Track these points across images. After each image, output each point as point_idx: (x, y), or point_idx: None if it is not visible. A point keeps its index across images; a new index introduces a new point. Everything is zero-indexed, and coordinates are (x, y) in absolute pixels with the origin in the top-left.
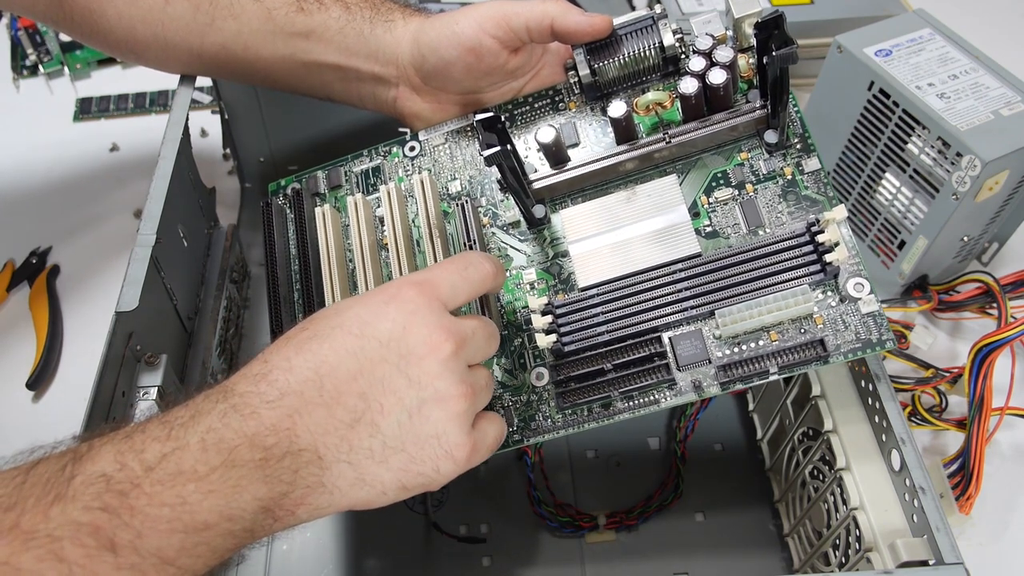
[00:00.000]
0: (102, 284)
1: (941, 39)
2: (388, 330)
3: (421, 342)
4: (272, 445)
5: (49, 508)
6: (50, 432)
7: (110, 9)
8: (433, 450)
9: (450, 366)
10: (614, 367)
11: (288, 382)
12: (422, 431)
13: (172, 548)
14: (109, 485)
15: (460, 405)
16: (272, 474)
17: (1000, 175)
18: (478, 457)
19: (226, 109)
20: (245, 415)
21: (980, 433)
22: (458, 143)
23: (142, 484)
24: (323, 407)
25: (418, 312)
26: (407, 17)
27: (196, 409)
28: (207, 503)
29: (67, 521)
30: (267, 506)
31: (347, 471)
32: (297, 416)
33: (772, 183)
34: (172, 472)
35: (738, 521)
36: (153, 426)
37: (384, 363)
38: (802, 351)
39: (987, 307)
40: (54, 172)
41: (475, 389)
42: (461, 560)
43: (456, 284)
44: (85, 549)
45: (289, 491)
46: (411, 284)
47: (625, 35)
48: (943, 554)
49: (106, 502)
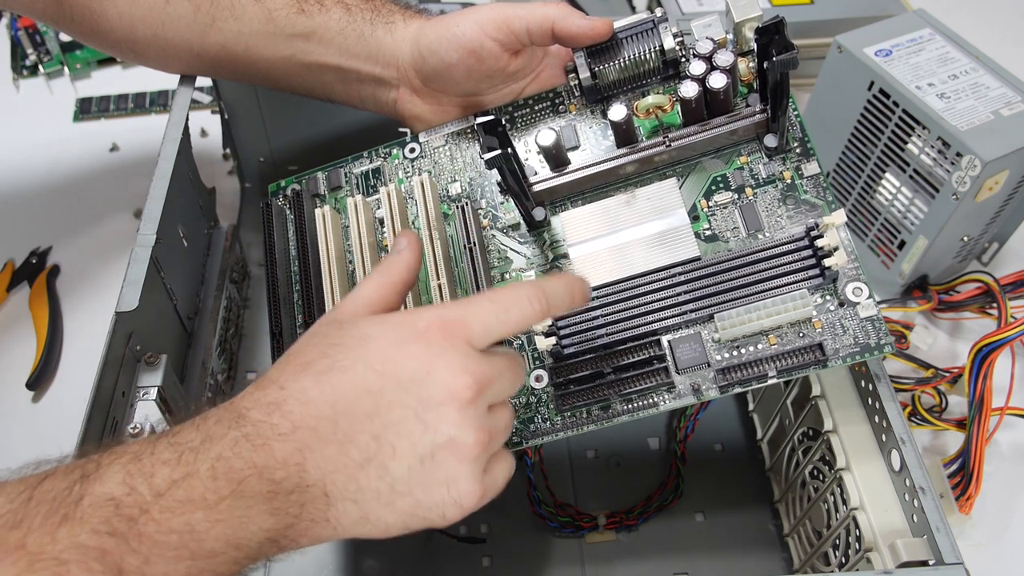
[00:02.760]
0: (102, 284)
1: (941, 39)
2: (410, 371)
3: (442, 387)
4: (282, 479)
5: (56, 529)
6: (50, 432)
7: (110, 8)
8: (441, 497)
9: (469, 413)
10: (613, 370)
11: (303, 416)
12: (432, 477)
13: (178, 574)
14: (118, 510)
15: (473, 452)
16: (279, 507)
17: (1000, 175)
18: (485, 501)
19: (226, 109)
20: (256, 445)
21: (980, 433)
22: (458, 145)
23: (151, 510)
24: (335, 445)
25: (443, 354)
26: (408, 19)
27: (207, 433)
28: (215, 531)
29: (74, 544)
30: (272, 536)
31: (352, 509)
32: (308, 452)
33: (771, 187)
34: (182, 499)
35: (738, 521)
36: (162, 448)
37: (402, 407)
38: (801, 355)
39: (987, 307)
40: (54, 172)
41: (492, 434)
42: (461, 560)
43: (490, 327)
44: (92, 574)
45: (294, 523)
46: (441, 322)
47: (625, 38)
48: (943, 554)
49: (114, 527)
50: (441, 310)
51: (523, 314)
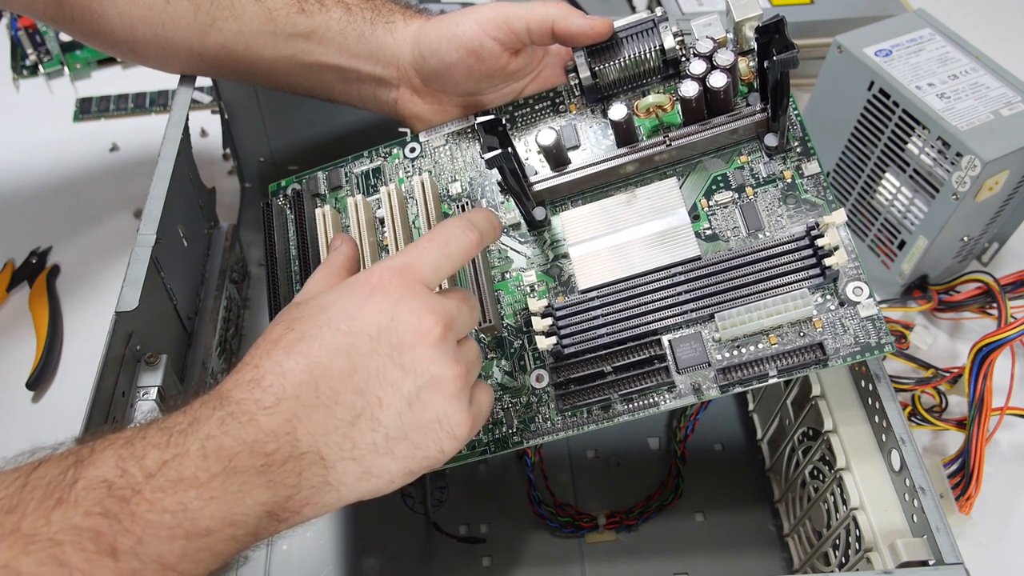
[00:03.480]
0: (102, 284)
1: (941, 39)
2: (376, 322)
3: (410, 330)
4: (273, 451)
5: (51, 512)
6: (50, 432)
7: (110, 8)
8: (436, 433)
9: (441, 348)
10: (614, 369)
11: (283, 387)
12: (423, 417)
13: (173, 554)
14: (111, 491)
15: (456, 385)
16: (275, 479)
17: (1000, 175)
18: (477, 427)
19: (226, 109)
20: (243, 422)
21: (980, 433)
22: (459, 145)
23: (143, 490)
24: (322, 408)
25: (403, 299)
26: (408, 18)
27: (194, 416)
28: (209, 509)
29: (68, 526)
30: (271, 510)
31: (352, 467)
32: (296, 420)
33: (772, 186)
34: (173, 479)
35: (738, 521)
36: (152, 432)
37: (376, 356)
38: (801, 354)
39: (987, 307)
40: (54, 172)
41: (468, 366)
42: (461, 560)
43: (438, 263)
44: (86, 554)
45: (294, 493)
46: (392, 271)
47: (626, 38)
48: (943, 554)
49: (107, 508)
50: (388, 261)
51: (461, 245)
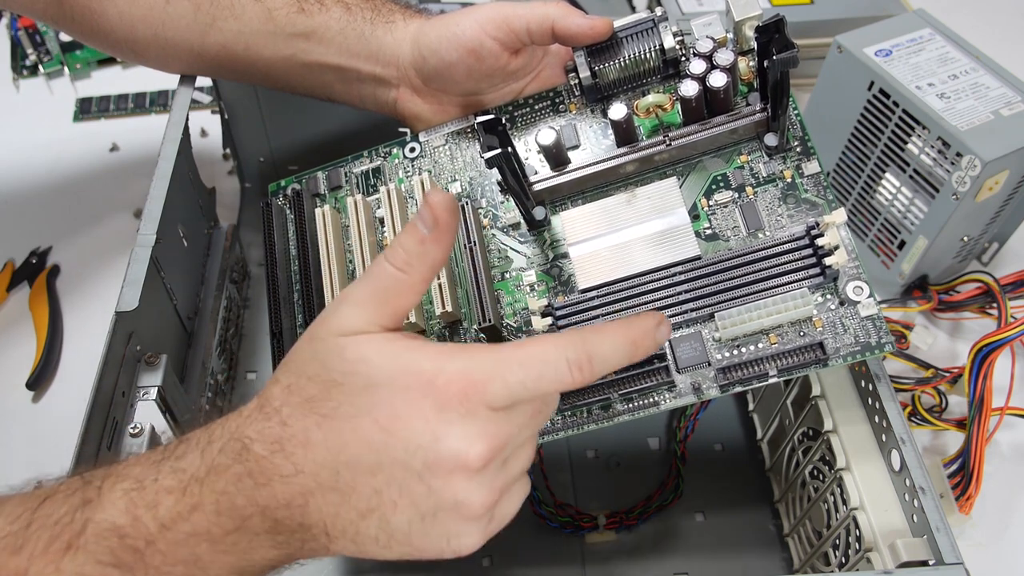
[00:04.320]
0: (102, 284)
1: (941, 39)
2: (418, 434)
3: (450, 456)
4: (284, 518)
5: (60, 558)
6: (50, 432)
7: (110, 8)
8: (439, 545)
9: (477, 480)
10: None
11: (304, 460)
12: (432, 531)
13: None
14: (123, 540)
15: (478, 512)
16: (283, 541)
17: (1000, 175)
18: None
19: (226, 109)
20: (260, 483)
21: (980, 433)
22: (458, 144)
23: (157, 542)
24: (336, 493)
25: (457, 423)
26: (408, 18)
27: (211, 464)
28: (220, 561)
29: (79, 575)
30: (275, 564)
31: (351, 547)
32: (310, 496)
33: (772, 186)
34: (187, 532)
35: (738, 521)
36: (166, 475)
37: (406, 468)
38: (801, 354)
39: (987, 307)
40: (54, 172)
41: (503, 489)
42: (461, 560)
43: (515, 393)
44: None
45: (296, 553)
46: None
47: (625, 37)
48: (943, 554)
49: (119, 558)
50: (465, 365)
51: (560, 381)
